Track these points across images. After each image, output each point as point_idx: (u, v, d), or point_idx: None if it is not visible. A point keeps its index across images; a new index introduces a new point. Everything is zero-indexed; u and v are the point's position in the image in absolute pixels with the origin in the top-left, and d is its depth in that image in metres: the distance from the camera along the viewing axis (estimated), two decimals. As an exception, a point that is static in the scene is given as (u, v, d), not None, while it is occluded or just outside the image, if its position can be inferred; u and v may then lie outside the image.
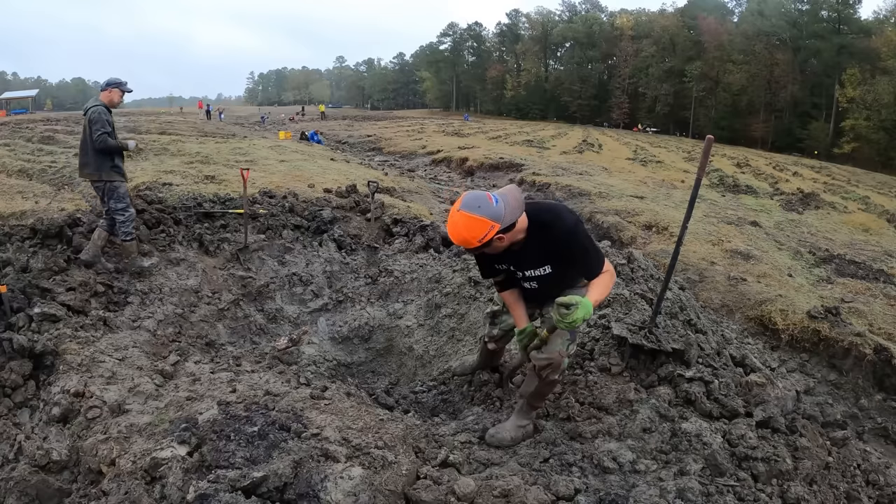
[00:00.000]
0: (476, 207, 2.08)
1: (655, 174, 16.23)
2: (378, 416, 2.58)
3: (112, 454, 2.25)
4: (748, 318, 5.56)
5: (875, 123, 40.05)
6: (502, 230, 2.12)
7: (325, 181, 9.35)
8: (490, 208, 2.08)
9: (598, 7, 75.64)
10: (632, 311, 3.57)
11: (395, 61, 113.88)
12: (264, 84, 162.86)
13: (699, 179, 2.82)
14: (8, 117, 36.08)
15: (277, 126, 31.31)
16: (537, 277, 2.44)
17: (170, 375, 3.16)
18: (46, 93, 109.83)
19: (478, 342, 3.94)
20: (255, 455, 2.08)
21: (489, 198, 2.12)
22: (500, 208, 2.10)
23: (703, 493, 2.12)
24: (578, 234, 2.27)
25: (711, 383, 2.81)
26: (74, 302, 3.79)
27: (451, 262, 5.64)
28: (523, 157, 17.24)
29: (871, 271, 7.21)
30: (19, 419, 2.88)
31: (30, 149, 14.29)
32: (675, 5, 67.07)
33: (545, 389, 2.65)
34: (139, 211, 5.56)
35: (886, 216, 12.40)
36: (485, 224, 2.07)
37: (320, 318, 5.21)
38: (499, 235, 2.13)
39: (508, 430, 2.67)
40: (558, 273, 2.40)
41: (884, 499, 2.59)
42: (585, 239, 2.30)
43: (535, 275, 2.42)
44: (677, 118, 61.40)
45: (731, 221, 9.64)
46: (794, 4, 52.76)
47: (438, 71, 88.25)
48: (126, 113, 40.55)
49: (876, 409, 4.25)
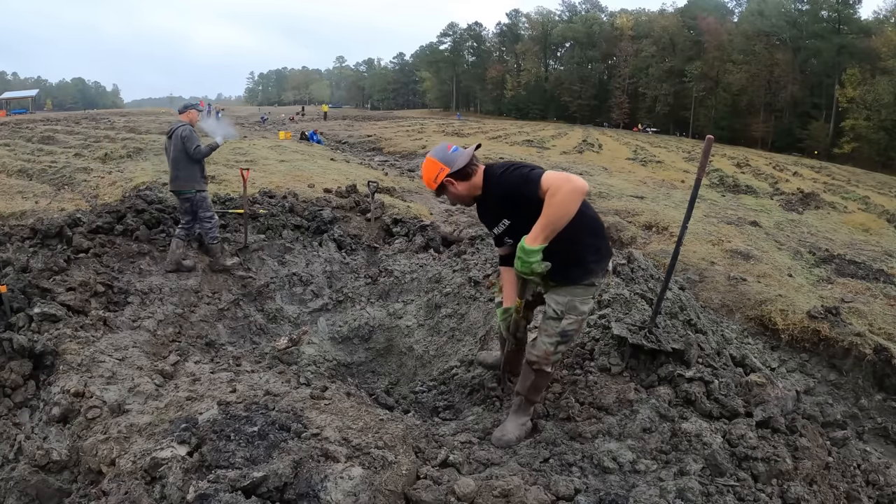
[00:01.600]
0: (434, 153, 2.45)
1: (655, 174, 16.23)
2: (378, 416, 2.58)
3: (112, 454, 2.25)
4: (748, 318, 5.56)
5: (875, 123, 40.02)
6: (452, 174, 2.39)
7: (325, 181, 9.35)
8: (444, 154, 2.43)
9: (598, 7, 75.58)
10: (632, 311, 3.57)
11: (395, 61, 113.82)
12: (264, 84, 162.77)
13: (699, 179, 2.82)
14: (8, 117, 36.11)
15: (277, 126, 31.29)
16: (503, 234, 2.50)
17: (170, 375, 3.15)
18: (46, 93, 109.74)
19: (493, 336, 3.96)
20: (255, 455, 2.08)
21: (448, 147, 2.46)
22: (454, 156, 2.41)
23: (703, 493, 2.12)
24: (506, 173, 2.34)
25: (711, 383, 2.80)
26: (74, 302, 3.79)
27: (451, 262, 5.64)
28: (523, 157, 17.23)
29: (871, 271, 7.21)
30: (19, 419, 2.88)
31: (30, 149, 14.30)
32: (675, 5, 67.13)
33: (540, 382, 2.65)
34: (139, 211, 5.57)
35: (886, 216, 12.39)
36: (436, 165, 2.42)
37: (320, 318, 5.21)
38: (449, 179, 2.40)
39: (512, 431, 2.67)
40: (517, 223, 2.37)
41: (884, 499, 2.58)
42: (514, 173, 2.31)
43: (499, 231, 2.50)
44: (677, 118, 61.37)
45: (731, 221, 9.64)
46: (794, 4, 52.71)
47: (438, 71, 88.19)
48: (126, 113, 40.54)
49: (876, 409, 4.25)
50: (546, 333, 2.52)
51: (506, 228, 2.46)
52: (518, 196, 2.26)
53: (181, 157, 5.00)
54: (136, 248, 5.05)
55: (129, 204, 5.76)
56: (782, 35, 51.81)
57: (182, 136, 4.98)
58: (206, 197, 5.16)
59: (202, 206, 5.13)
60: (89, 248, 4.71)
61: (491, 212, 2.50)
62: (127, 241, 5.09)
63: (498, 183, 2.36)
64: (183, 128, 5.05)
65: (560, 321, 2.49)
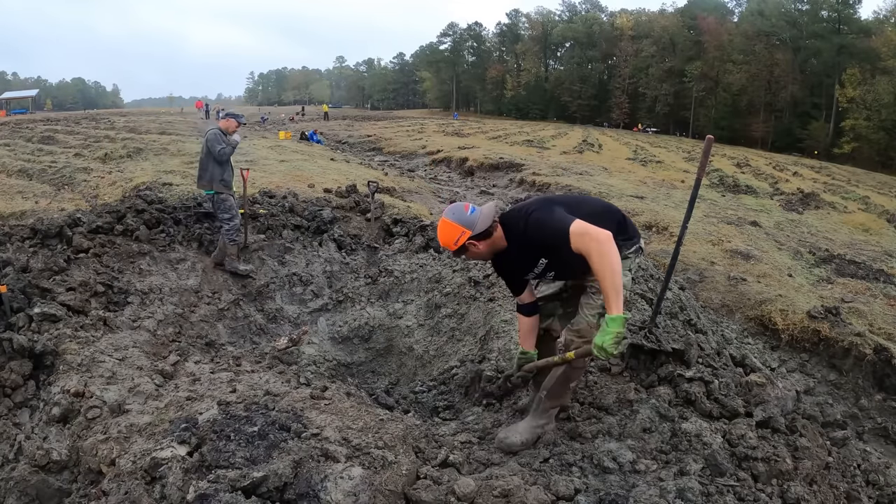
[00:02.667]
0: (452, 214, 2.37)
1: (655, 174, 16.22)
2: (378, 416, 2.58)
3: (112, 454, 2.25)
4: (748, 318, 5.56)
5: (875, 123, 40.01)
6: (474, 236, 2.33)
7: (325, 181, 9.35)
8: (463, 216, 2.35)
9: (598, 7, 75.57)
10: (632, 311, 3.57)
11: (395, 61, 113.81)
12: (264, 84, 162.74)
13: (699, 179, 2.82)
14: (8, 117, 36.11)
15: (277, 126, 31.29)
16: (543, 271, 2.48)
17: (170, 375, 3.15)
18: (46, 93, 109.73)
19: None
20: (255, 455, 2.08)
21: (466, 207, 2.39)
22: (475, 217, 2.34)
23: (703, 493, 2.12)
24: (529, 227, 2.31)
25: (711, 383, 2.80)
26: (74, 302, 3.79)
27: (451, 262, 5.64)
28: (523, 157, 17.23)
29: (871, 271, 7.21)
30: (19, 419, 2.88)
31: (30, 149, 14.30)
32: (675, 5, 67.10)
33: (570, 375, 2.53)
34: (139, 211, 5.56)
35: (886, 216, 12.39)
36: (457, 229, 2.33)
37: (320, 318, 5.21)
38: (471, 241, 2.33)
39: (520, 433, 2.56)
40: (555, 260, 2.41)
41: (884, 499, 2.59)
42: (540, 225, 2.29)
43: (539, 271, 2.48)
44: (677, 118, 61.35)
45: (731, 221, 9.64)
46: (794, 4, 52.70)
47: (438, 71, 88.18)
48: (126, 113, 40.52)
49: (876, 409, 4.26)
50: (588, 306, 2.46)
51: (547, 264, 2.45)
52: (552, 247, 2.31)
53: (206, 158, 5.25)
54: (136, 248, 5.05)
55: (129, 204, 5.75)
56: (782, 35, 51.80)
57: (207, 139, 5.25)
58: (227, 199, 5.30)
59: (221, 208, 5.28)
60: (89, 248, 4.71)
61: (524, 258, 2.47)
62: (127, 241, 5.09)
63: (527, 236, 2.34)
64: (212, 131, 5.30)
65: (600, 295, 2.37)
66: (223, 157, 5.23)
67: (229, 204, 5.31)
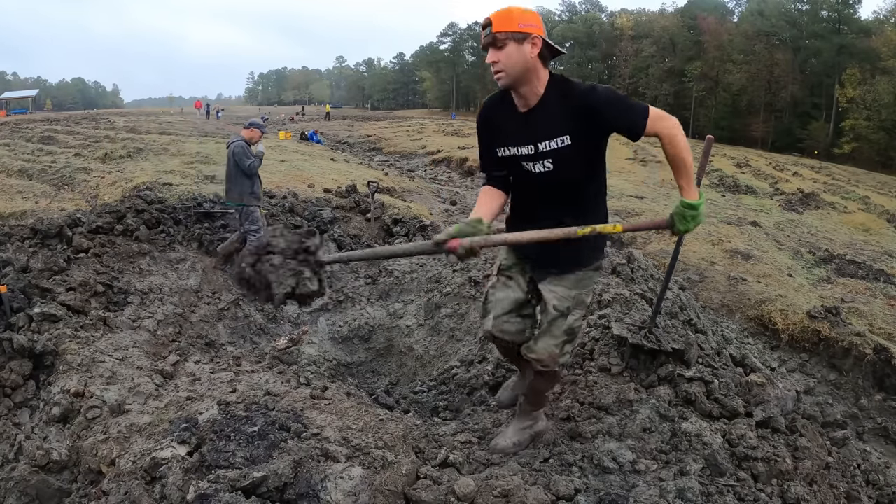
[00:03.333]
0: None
1: (655, 174, 16.23)
2: (378, 416, 2.58)
3: (112, 454, 2.25)
4: (748, 318, 5.57)
5: (875, 123, 40.00)
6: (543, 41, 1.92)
7: (325, 181, 9.35)
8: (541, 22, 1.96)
9: (598, 7, 75.53)
10: (632, 311, 3.56)
11: (395, 61, 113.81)
12: (264, 84, 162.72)
13: (699, 179, 2.82)
14: (8, 117, 36.10)
15: (277, 126, 31.28)
16: (553, 152, 2.00)
17: (170, 375, 3.15)
18: (46, 93, 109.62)
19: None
20: (255, 455, 2.08)
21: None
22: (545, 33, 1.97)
23: (703, 493, 2.12)
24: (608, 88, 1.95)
25: (711, 383, 2.80)
26: (74, 302, 3.79)
27: (451, 262, 5.64)
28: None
29: (871, 271, 7.21)
30: (19, 419, 2.88)
31: (30, 149, 14.30)
32: (675, 5, 66.98)
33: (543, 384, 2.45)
34: (139, 211, 5.57)
35: (886, 216, 12.40)
36: (534, 17, 1.92)
37: (320, 318, 5.21)
38: (535, 39, 1.91)
39: (509, 437, 2.57)
40: (578, 148, 1.98)
41: (884, 499, 2.59)
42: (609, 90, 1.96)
43: (551, 148, 1.99)
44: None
45: (731, 221, 9.65)
46: (794, 4, 52.68)
47: (438, 71, 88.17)
48: (126, 113, 40.51)
49: (876, 409, 4.26)
50: (550, 335, 2.19)
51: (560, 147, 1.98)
52: (605, 121, 1.94)
53: (234, 171, 5.30)
54: (136, 248, 5.05)
55: (129, 204, 5.76)
56: (782, 35, 51.78)
57: (234, 153, 5.28)
58: (254, 211, 5.36)
59: (248, 220, 5.35)
60: (89, 248, 4.71)
61: (552, 119, 1.98)
62: (127, 241, 5.09)
63: (589, 93, 1.93)
64: (237, 143, 5.32)
65: (566, 318, 2.18)
66: (252, 171, 5.28)
67: (257, 216, 5.38)
